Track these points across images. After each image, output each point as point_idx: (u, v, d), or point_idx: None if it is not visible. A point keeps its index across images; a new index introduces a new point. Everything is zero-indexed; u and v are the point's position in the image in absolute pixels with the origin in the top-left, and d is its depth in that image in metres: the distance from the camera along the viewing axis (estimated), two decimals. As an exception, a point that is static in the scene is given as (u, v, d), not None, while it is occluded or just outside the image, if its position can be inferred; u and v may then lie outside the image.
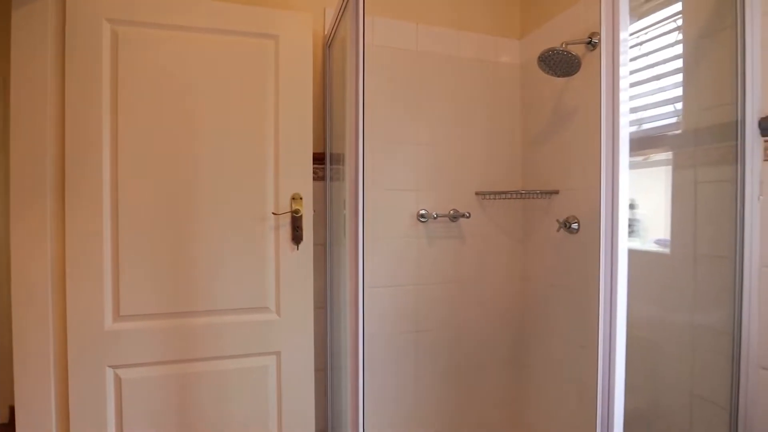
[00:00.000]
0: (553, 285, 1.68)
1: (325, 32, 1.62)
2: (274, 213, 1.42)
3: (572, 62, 1.44)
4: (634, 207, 1.41)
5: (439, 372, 1.77)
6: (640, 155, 1.35)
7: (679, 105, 1.23)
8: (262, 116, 1.42)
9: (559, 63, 1.46)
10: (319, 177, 1.58)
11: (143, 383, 1.33)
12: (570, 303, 1.59)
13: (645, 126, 1.34)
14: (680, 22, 1.22)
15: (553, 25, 1.68)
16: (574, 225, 1.54)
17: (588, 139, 1.47)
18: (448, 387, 1.78)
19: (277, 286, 1.44)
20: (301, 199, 1.45)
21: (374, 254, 1.65)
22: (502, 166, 1.84)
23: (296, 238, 1.45)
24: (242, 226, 1.40)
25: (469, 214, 1.74)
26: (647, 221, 1.35)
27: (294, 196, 1.44)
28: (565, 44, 1.43)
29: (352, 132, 1.05)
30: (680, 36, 1.22)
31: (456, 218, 1.75)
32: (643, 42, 1.33)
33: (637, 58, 1.33)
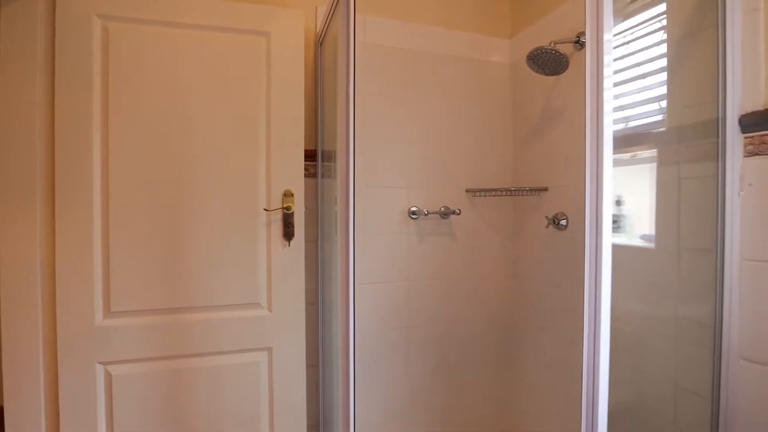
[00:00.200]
0: (543, 281, 1.70)
1: (317, 30, 1.62)
2: (265, 209, 1.43)
3: (560, 61, 1.46)
4: (620, 203, 1.44)
5: (429, 367, 1.78)
6: (627, 152, 1.38)
7: (664, 103, 1.25)
8: (253, 113, 1.43)
9: (548, 62, 1.48)
10: (310, 174, 1.59)
11: (134, 380, 1.33)
12: (559, 298, 1.61)
13: (632, 124, 1.37)
14: (665, 22, 1.24)
15: (542, 25, 1.70)
16: (563, 221, 1.57)
17: (576, 137, 1.50)
18: (438, 382, 1.80)
19: (268, 282, 1.45)
20: (292, 195, 1.45)
21: (365, 251, 1.66)
22: (492, 164, 1.86)
23: (288, 234, 1.45)
24: (234, 223, 1.41)
25: (460, 211, 1.75)
26: (633, 217, 1.37)
27: (285, 193, 1.45)
28: (553, 43, 1.45)
29: (344, 129, 1.06)
30: (665, 35, 1.24)
31: (447, 215, 1.77)
32: (629, 41, 1.36)
33: (624, 57, 1.36)
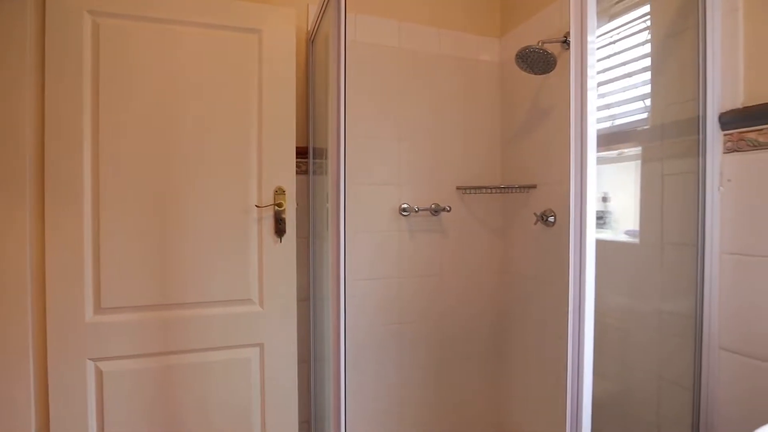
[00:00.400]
0: (532, 277, 1.73)
1: (308, 28, 1.63)
2: (257, 206, 1.43)
3: (548, 60, 1.49)
4: (606, 200, 1.46)
5: (420, 363, 1.80)
6: (614, 150, 1.40)
7: (649, 101, 1.28)
8: (245, 110, 1.44)
9: (536, 61, 1.50)
10: (302, 171, 1.60)
11: (125, 376, 1.33)
12: (547, 294, 1.64)
13: (618, 122, 1.40)
14: (649, 22, 1.27)
15: (531, 25, 1.73)
16: (551, 218, 1.59)
17: (564, 135, 1.51)
18: (429, 377, 1.82)
19: (260, 278, 1.45)
20: (284, 192, 1.46)
21: (357, 247, 1.68)
22: (482, 162, 1.88)
23: (279, 230, 1.46)
24: (225, 219, 1.41)
25: (450, 208, 1.77)
26: (619, 213, 1.40)
27: (277, 190, 1.46)
28: (541, 43, 1.47)
29: (334, 127, 1.07)
30: (649, 36, 1.27)
31: (437, 212, 1.79)
32: (616, 41, 1.39)
33: (611, 56, 1.38)
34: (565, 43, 1.52)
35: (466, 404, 1.88)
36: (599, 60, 1.38)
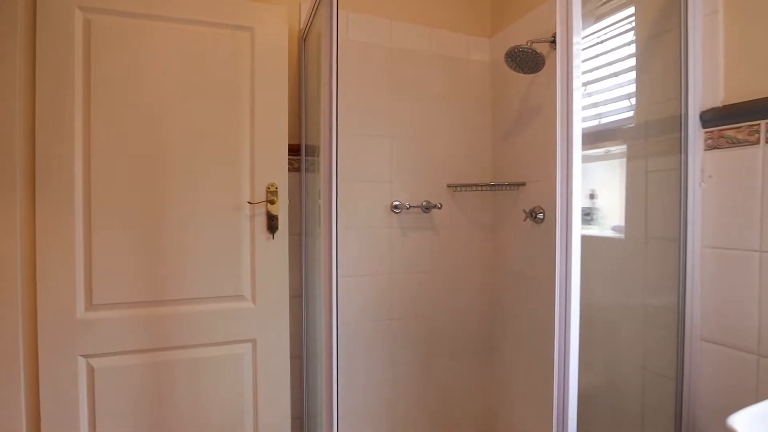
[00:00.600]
0: (521, 272, 1.76)
1: (301, 26, 1.64)
2: (249, 202, 1.44)
3: (537, 60, 1.52)
4: (594, 197, 1.49)
5: (412, 358, 1.82)
6: (602, 148, 1.44)
7: (634, 100, 1.32)
8: (237, 107, 1.44)
9: (525, 60, 1.53)
10: (294, 168, 1.61)
11: (117, 372, 1.33)
12: (536, 289, 1.67)
13: (604, 120, 1.43)
14: (634, 23, 1.31)
15: (520, 25, 1.76)
16: (540, 215, 1.62)
17: (552, 133, 1.54)
18: (420, 372, 1.84)
19: (252, 274, 1.46)
20: (276, 189, 1.47)
21: (349, 244, 1.69)
22: (473, 159, 1.91)
23: (272, 227, 1.47)
24: (218, 216, 1.42)
25: (441, 205, 1.80)
26: (606, 209, 1.43)
27: (269, 186, 1.47)
28: (530, 42, 1.50)
29: (327, 124, 1.09)
30: (634, 36, 1.31)
31: (428, 209, 1.81)
32: (603, 41, 1.42)
33: (598, 56, 1.42)
34: (553, 43, 1.55)
35: (457, 399, 1.91)
36: (587, 60, 1.42)
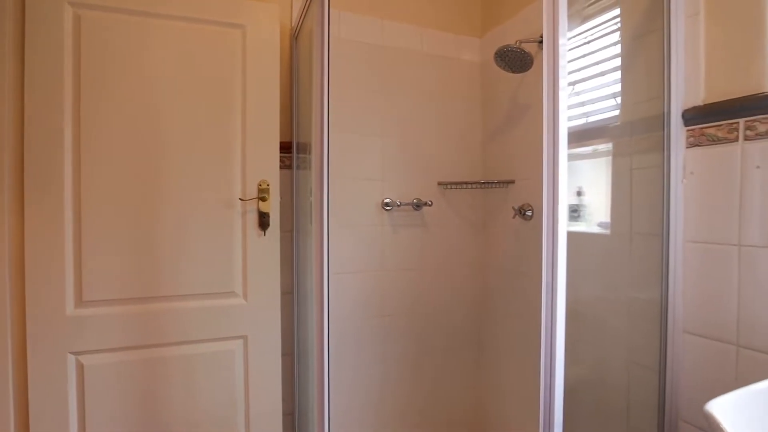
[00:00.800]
0: (511, 269, 1.78)
1: (292, 24, 1.65)
2: (241, 199, 1.45)
3: (525, 59, 1.54)
4: (581, 194, 1.53)
5: (402, 355, 1.84)
6: (589, 146, 1.47)
7: (619, 99, 1.35)
8: (229, 105, 1.44)
9: (514, 60, 1.56)
10: (285, 166, 1.61)
11: (107, 369, 1.33)
12: (525, 285, 1.69)
13: (591, 119, 1.46)
14: (619, 24, 1.34)
15: (510, 25, 1.78)
16: (528, 212, 1.65)
17: (540, 132, 1.58)
18: (411, 369, 1.86)
19: (243, 271, 1.46)
20: (268, 186, 1.48)
21: (340, 241, 1.70)
22: (463, 158, 1.93)
23: (263, 224, 1.48)
24: (209, 212, 1.42)
25: (432, 202, 1.82)
26: (593, 206, 1.46)
27: (261, 184, 1.47)
28: (519, 42, 1.52)
29: (318, 122, 1.09)
30: (619, 37, 1.34)
31: (419, 207, 1.83)
32: (590, 41, 1.45)
33: (585, 55, 1.45)
34: (541, 43, 1.57)
35: (446, 394, 1.93)
36: (574, 60, 1.45)
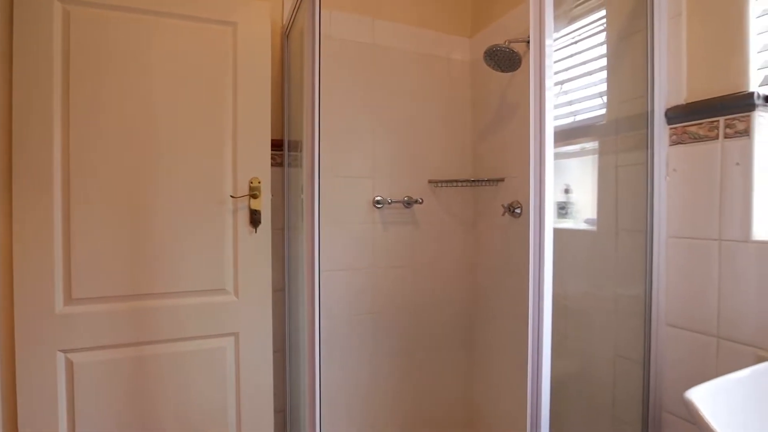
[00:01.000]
0: (500, 266, 1.81)
1: (284, 22, 1.66)
2: (232, 196, 1.45)
3: (514, 59, 1.57)
4: (568, 192, 1.55)
5: (393, 351, 1.85)
6: (576, 144, 1.49)
7: (606, 98, 1.37)
8: (220, 102, 1.45)
9: (503, 59, 1.58)
10: (277, 163, 1.62)
11: (97, 367, 1.32)
12: (514, 282, 1.72)
13: (579, 118, 1.49)
14: (605, 25, 1.36)
15: (499, 26, 1.80)
16: (517, 210, 1.67)
17: (528, 131, 1.60)
18: (402, 365, 1.87)
19: (235, 268, 1.47)
20: (259, 183, 1.48)
21: (331, 238, 1.71)
22: (453, 156, 1.95)
23: (254, 221, 1.48)
24: (200, 209, 1.42)
25: (422, 200, 1.83)
26: (580, 203, 1.49)
27: (252, 181, 1.48)
28: (507, 42, 1.55)
29: (309, 120, 1.10)
30: (606, 37, 1.37)
31: (410, 204, 1.85)
32: (577, 41, 1.48)
33: (573, 55, 1.47)
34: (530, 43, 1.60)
35: (438, 390, 1.94)
36: (561, 60, 1.47)
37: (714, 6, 1.07)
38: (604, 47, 1.35)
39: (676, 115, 1.13)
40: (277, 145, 1.61)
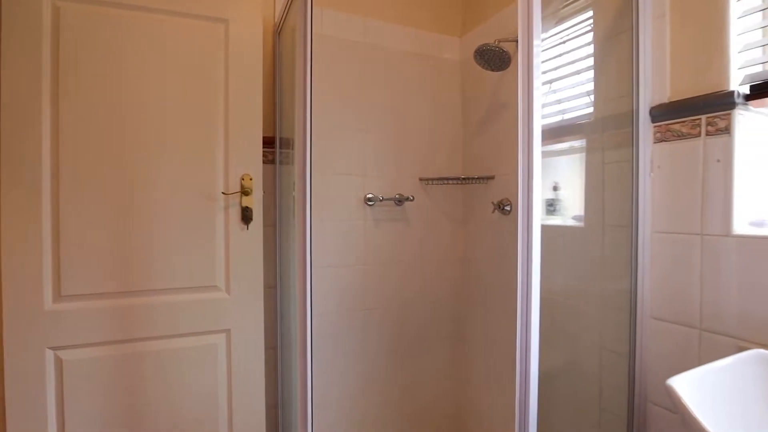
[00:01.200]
0: (490, 262, 1.83)
1: (275, 19, 1.66)
2: (223, 193, 1.45)
3: (503, 58, 1.59)
4: (557, 189, 1.58)
5: (384, 347, 1.86)
6: (565, 142, 1.52)
7: (593, 97, 1.40)
8: (211, 99, 1.44)
9: (493, 58, 1.60)
10: (268, 160, 1.62)
11: (87, 364, 1.31)
12: (504, 278, 1.74)
13: (567, 116, 1.51)
14: (593, 25, 1.39)
15: (489, 25, 1.83)
16: (507, 207, 1.70)
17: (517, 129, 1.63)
18: (394, 361, 1.88)
19: (226, 265, 1.47)
20: (251, 180, 1.48)
21: (323, 235, 1.72)
22: (444, 154, 1.97)
23: (246, 218, 1.48)
24: (191, 206, 1.42)
25: (413, 197, 1.85)
26: (568, 200, 1.52)
27: (244, 178, 1.48)
28: (497, 41, 1.57)
29: (301, 118, 1.11)
30: (593, 37, 1.39)
31: (401, 202, 1.86)
32: (565, 41, 1.50)
33: (561, 55, 1.50)
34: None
35: (428, 385, 1.96)
36: (549, 59, 1.50)
37: (697, 7, 1.10)
38: (592, 47, 1.38)
39: (660, 113, 1.16)
40: (268, 142, 1.61)
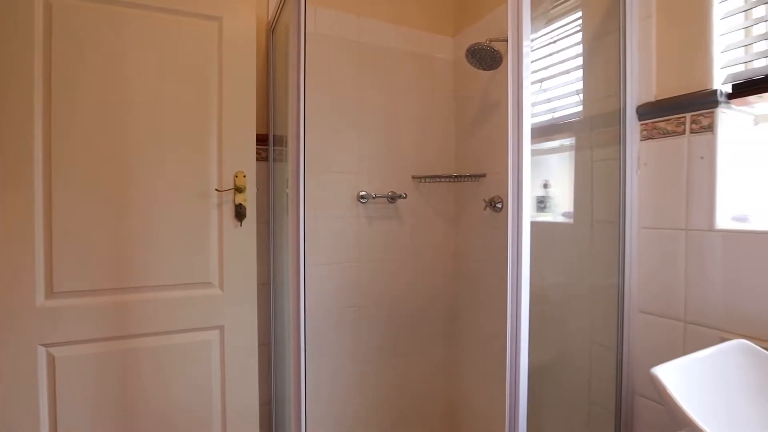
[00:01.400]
0: (482, 260, 1.85)
1: (269, 18, 1.67)
2: (217, 190, 1.45)
3: (495, 57, 1.61)
4: (547, 186, 1.60)
5: (377, 344, 1.88)
6: (555, 140, 1.54)
7: (582, 96, 1.43)
8: (205, 96, 1.45)
9: (484, 57, 1.62)
10: (261, 158, 1.63)
11: (80, 361, 1.31)
12: (495, 275, 1.77)
13: (557, 114, 1.54)
14: (581, 26, 1.42)
15: (482, 25, 1.85)
16: (498, 204, 1.72)
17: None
18: (387, 357, 1.90)
19: (220, 261, 1.47)
20: (244, 177, 1.49)
21: (316, 233, 1.73)
22: (436, 152, 1.99)
23: (239, 215, 1.49)
24: (185, 203, 1.42)
25: (406, 195, 1.87)
26: (558, 198, 1.54)
27: (237, 175, 1.48)
28: (489, 41, 1.59)
29: (294, 116, 1.12)
30: (582, 38, 1.42)
31: (394, 199, 1.88)
32: (556, 40, 1.53)
33: (552, 54, 1.52)
34: (510, 42, 1.65)
35: (422, 382, 1.98)
36: (539, 59, 1.52)
37: (681, 9, 1.13)
38: (581, 47, 1.40)
39: (647, 111, 1.19)
40: (262, 139, 1.61)
